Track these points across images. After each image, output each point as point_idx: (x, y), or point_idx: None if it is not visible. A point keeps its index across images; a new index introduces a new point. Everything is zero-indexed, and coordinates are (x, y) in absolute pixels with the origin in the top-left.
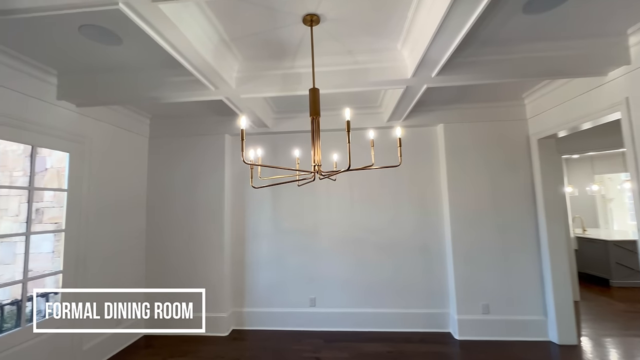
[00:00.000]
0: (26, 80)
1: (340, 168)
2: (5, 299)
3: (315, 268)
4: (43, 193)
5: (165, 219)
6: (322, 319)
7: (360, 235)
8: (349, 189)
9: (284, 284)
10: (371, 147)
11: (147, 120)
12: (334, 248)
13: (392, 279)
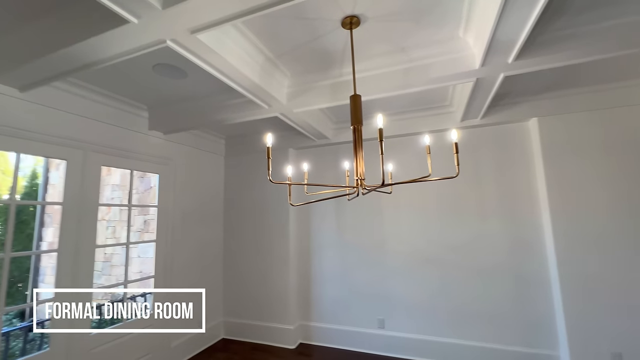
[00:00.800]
0: (125, 116)
1: (402, 178)
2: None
3: (384, 286)
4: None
5: (238, 229)
6: (392, 343)
7: (437, 253)
8: (421, 201)
9: (349, 300)
10: (427, 155)
11: (222, 141)
12: (406, 265)
13: (478, 305)
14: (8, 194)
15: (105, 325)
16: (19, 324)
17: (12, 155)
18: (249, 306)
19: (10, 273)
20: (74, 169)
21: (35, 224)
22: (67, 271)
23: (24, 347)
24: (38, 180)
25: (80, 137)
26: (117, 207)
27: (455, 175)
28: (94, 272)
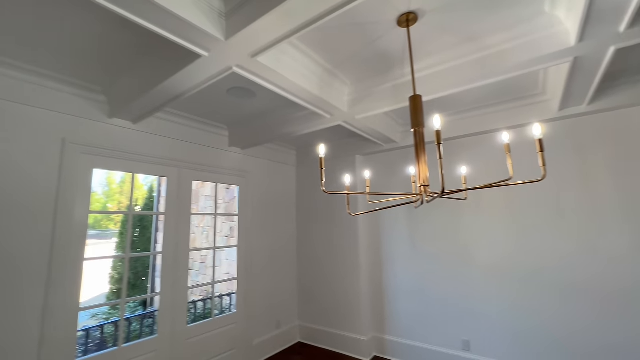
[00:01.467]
0: (208, 136)
1: (476, 183)
2: (205, 297)
3: (468, 303)
4: (235, 215)
5: (310, 237)
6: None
7: (533, 266)
8: (512, 206)
9: (427, 316)
10: (507, 155)
11: (293, 152)
12: (493, 280)
13: (595, 335)
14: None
15: (199, 319)
16: (140, 312)
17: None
18: (323, 313)
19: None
20: (172, 184)
21: (152, 229)
22: (168, 270)
23: (141, 331)
24: (154, 194)
25: (175, 157)
26: (210, 216)
27: (542, 178)
28: (191, 271)
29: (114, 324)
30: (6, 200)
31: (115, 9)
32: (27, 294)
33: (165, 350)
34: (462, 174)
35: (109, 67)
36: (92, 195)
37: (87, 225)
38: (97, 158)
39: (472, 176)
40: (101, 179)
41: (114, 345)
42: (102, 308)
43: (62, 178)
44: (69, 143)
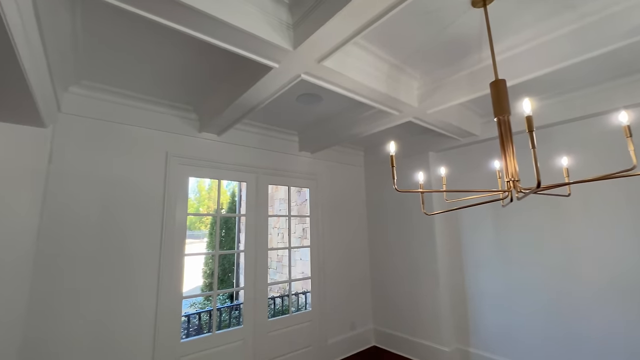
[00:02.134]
0: (280, 143)
1: (582, 176)
2: (282, 294)
3: (573, 324)
4: (307, 217)
5: (382, 239)
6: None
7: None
8: (633, 204)
9: (519, 331)
10: (627, 139)
11: (361, 153)
12: (611, 298)
13: None
14: (219, 209)
15: (277, 315)
16: (228, 304)
17: (219, 183)
18: (399, 318)
19: (223, 266)
20: (251, 188)
21: (235, 230)
22: (250, 266)
23: (230, 320)
24: (236, 198)
25: (253, 164)
26: (284, 218)
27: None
28: (269, 269)
29: (208, 313)
30: (129, 203)
31: (200, 35)
32: (145, 283)
33: (249, 340)
34: (563, 166)
35: (198, 88)
36: (187, 201)
37: (186, 226)
38: (191, 167)
39: (575, 168)
40: (193, 187)
41: (209, 331)
42: (197, 298)
43: (166, 185)
44: (170, 156)
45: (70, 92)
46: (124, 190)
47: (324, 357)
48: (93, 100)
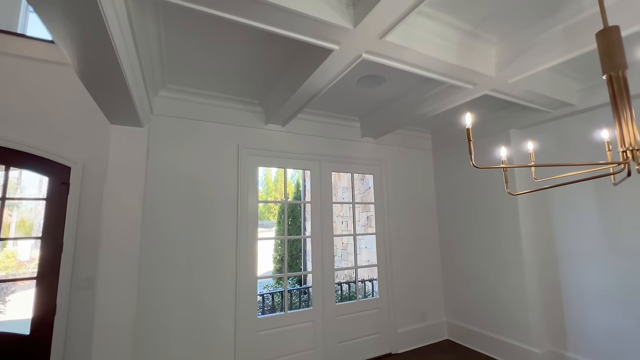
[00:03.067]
0: (342, 129)
1: None
2: (349, 280)
3: None
4: (370, 205)
5: (454, 226)
6: None
7: None
8: None
9: (634, 337)
10: None
11: (428, 135)
12: None
13: None
14: (286, 196)
15: (344, 300)
16: (297, 287)
17: (286, 170)
18: (476, 312)
19: (291, 252)
20: (315, 176)
21: (301, 218)
22: (317, 252)
23: (300, 303)
24: (300, 188)
25: (316, 152)
26: (347, 206)
27: None
28: (335, 257)
29: (280, 294)
30: (209, 192)
31: (264, 27)
32: (226, 262)
33: (319, 322)
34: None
35: (262, 81)
36: (257, 189)
37: (257, 212)
38: (259, 158)
39: None
40: (261, 179)
41: (281, 311)
42: (269, 281)
43: (239, 175)
44: (241, 147)
45: (159, 95)
46: (205, 180)
47: (393, 345)
48: (176, 101)
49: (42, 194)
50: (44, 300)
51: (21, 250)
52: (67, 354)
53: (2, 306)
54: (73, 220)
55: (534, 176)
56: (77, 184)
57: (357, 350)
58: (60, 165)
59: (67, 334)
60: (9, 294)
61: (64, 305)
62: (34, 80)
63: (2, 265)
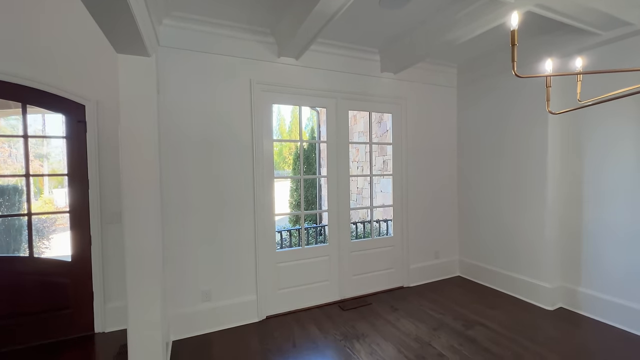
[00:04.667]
0: (361, 63)
1: None
2: (363, 220)
3: None
4: (386, 148)
5: (474, 166)
6: None
7: None
8: None
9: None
10: None
11: (454, 71)
12: None
13: None
14: (301, 136)
15: (360, 238)
16: (312, 224)
17: (303, 112)
18: (489, 250)
19: (307, 198)
20: (331, 115)
21: (316, 165)
22: (333, 191)
23: (316, 239)
24: (315, 134)
25: (332, 88)
26: (363, 151)
27: None
28: (350, 201)
29: (297, 231)
30: (223, 129)
31: None
32: (245, 202)
33: (334, 256)
34: None
35: (273, 4)
36: (272, 127)
37: (273, 152)
38: (273, 94)
39: None
40: (275, 128)
41: (299, 246)
42: (286, 225)
43: (253, 111)
44: (254, 83)
45: (164, 24)
46: (218, 118)
47: (405, 279)
48: (182, 31)
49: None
50: (79, 232)
51: (57, 198)
52: (106, 277)
53: (47, 242)
54: (94, 158)
55: (578, 98)
56: (93, 121)
57: (371, 282)
58: (74, 103)
59: (104, 261)
60: (51, 233)
61: (97, 237)
62: (44, 17)
63: (42, 209)
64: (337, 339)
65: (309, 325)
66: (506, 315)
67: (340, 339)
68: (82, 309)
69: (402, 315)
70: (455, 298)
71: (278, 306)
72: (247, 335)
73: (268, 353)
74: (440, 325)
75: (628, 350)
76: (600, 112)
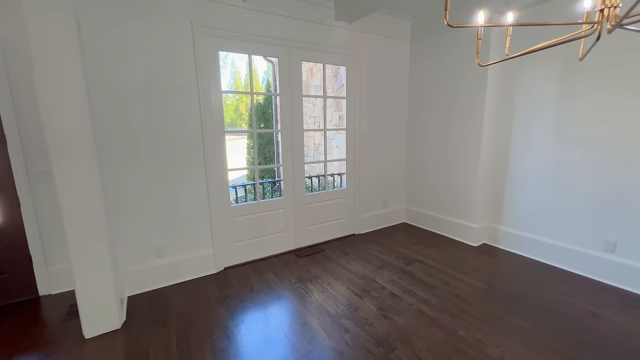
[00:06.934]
0: (316, 10)
1: None
2: (319, 174)
3: (624, 201)
4: (342, 103)
5: (423, 120)
6: (622, 272)
7: None
8: None
9: (562, 212)
10: None
11: (407, 23)
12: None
13: None
14: (252, 88)
15: (316, 191)
16: (269, 179)
17: (257, 65)
18: (431, 198)
19: (264, 155)
20: (283, 65)
21: (273, 121)
22: (287, 146)
23: (272, 192)
24: (271, 88)
25: (283, 36)
26: (320, 106)
27: None
28: (307, 157)
29: (252, 186)
30: (163, 79)
31: None
32: (195, 157)
33: (290, 209)
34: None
35: None
36: (226, 98)
37: (222, 105)
38: (219, 40)
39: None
40: (229, 78)
41: (254, 200)
42: (244, 182)
43: (198, 61)
44: (196, 26)
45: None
46: (158, 62)
47: (357, 227)
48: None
49: None
50: (4, 195)
51: None
52: (45, 240)
53: None
54: (9, 111)
55: (506, 52)
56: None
57: (325, 231)
58: None
59: (39, 224)
60: None
61: (28, 198)
62: None
63: None
64: (292, 282)
65: (266, 272)
66: (440, 252)
67: (295, 282)
68: (20, 273)
69: (352, 258)
70: (399, 241)
71: (235, 257)
72: (206, 286)
73: (226, 299)
74: (384, 264)
75: (532, 273)
76: (532, 72)
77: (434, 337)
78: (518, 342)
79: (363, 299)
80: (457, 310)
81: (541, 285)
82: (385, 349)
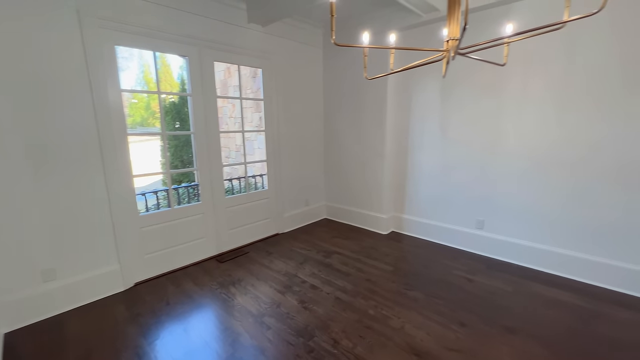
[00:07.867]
0: (228, 11)
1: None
2: (240, 176)
3: (489, 188)
4: (261, 104)
5: (337, 123)
6: (488, 244)
7: (566, 154)
8: (562, 82)
9: (447, 199)
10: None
11: (319, 31)
12: (516, 167)
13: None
14: (159, 87)
15: (238, 193)
16: (185, 184)
17: (171, 59)
18: (347, 194)
19: (182, 157)
20: (194, 65)
21: (190, 121)
22: (202, 149)
23: (189, 200)
24: (186, 87)
25: (194, 35)
26: (239, 107)
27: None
28: (229, 159)
29: (166, 192)
30: (45, 82)
31: None
32: (91, 162)
33: (210, 214)
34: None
35: None
36: (135, 95)
37: (122, 104)
38: (116, 33)
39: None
40: (138, 77)
41: (168, 207)
42: (159, 188)
43: (88, 55)
44: (83, 15)
45: None
46: (34, 58)
47: (281, 226)
48: None
49: None
50: None
51: None
52: None
53: None
54: None
55: (391, 67)
56: None
57: (248, 233)
58: None
59: None
60: None
61: None
62: None
63: None
64: (213, 288)
65: (185, 282)
66: (355, 243)
67: (216, 288)
68: None
69: (276, 257)
70: (320, 236)
71: (148, 271)
72: (112, 306)
73: (138, 317)
74: (306, 259)
75: (427, 252)
76: (424, 82)
77: (348, 320)
78: (414, 312)
79: (285, 294)
80: (369, 293)
81: (433, 262)
82: (304, 338)
